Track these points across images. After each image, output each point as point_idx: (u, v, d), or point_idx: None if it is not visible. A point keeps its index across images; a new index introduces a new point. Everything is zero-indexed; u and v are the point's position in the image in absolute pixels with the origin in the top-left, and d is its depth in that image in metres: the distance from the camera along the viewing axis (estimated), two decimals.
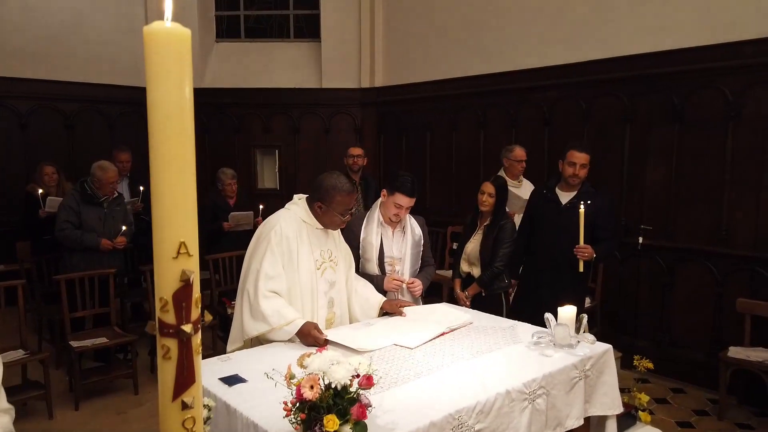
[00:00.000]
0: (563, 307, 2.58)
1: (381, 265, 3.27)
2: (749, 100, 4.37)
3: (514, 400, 2.16)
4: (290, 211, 2.83)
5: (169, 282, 0.94)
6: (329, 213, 2.75)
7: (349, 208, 2.78)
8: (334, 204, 2.73)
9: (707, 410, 4.32)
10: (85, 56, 6.96)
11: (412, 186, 3.14)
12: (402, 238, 3.32)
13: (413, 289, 3.25)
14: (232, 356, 2.49)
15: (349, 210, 2.80)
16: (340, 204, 2.73)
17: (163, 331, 0.96)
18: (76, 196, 4.78)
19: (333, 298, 2.91)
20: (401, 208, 3.17)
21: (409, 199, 3.15)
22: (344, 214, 2.77)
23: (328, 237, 2.91)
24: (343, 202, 2.74)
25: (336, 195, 2.72)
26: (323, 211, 2.76)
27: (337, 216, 2.76)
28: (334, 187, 2.72)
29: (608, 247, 4.01)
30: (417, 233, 3.37)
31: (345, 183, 2.77)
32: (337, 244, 2.97)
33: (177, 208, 0.94)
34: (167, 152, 0.93)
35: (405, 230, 3.33)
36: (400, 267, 3.28)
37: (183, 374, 0.98)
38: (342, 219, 2.79)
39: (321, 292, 2.84)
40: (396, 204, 3.16)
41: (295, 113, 7.70)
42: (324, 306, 2.86)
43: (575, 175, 3.90)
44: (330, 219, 2.78)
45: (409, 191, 3.12)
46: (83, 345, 4.26)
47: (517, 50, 5.89)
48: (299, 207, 2.84)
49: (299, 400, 1.66)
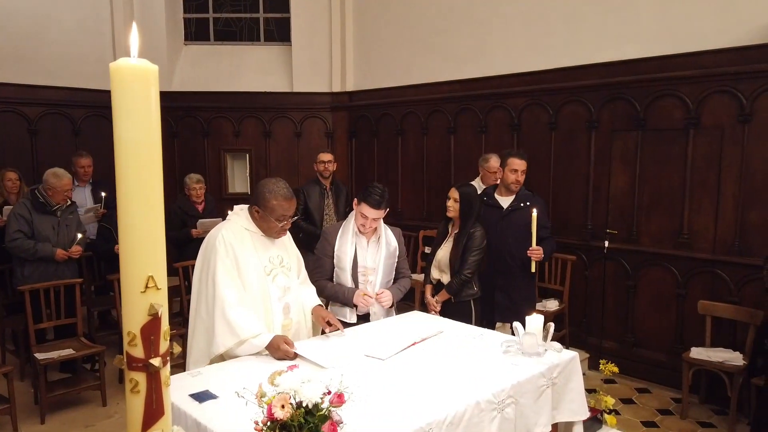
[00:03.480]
0: (531, 316, 2.64)
1: (354, 275, 3.28)
2: (707, 108, 4.52)
3: (483, 410, 2.20)
4: (231, 221, 2.80)
5: (137, 316, 0.95)
6: (266, 218, 2.73)
7: (285, 214, 2.74)
8: (269, 208, 2.70)
9: (671, 409, 4.46)
10: (49, 58, 6.79)
11: (379, 198, 3.15)
12: (377, 248, 3.33)
13: (382, 301, 3.25)
14: (203, 371, 2.48)
15: (286, 216, 2.75)
16: (276, 209, 2.70)
17: (132, 365, 0.96)
18: (28, 204, 4.60)
19: (288, 304, 2.87)
20: (366, 218, 3.19)
21: (375, 211, 3.16)
22: (280, 219, 2.73)
23: (276, 243, 2.87)
24: (279, 207, 2.70)
25: (271, 199, 2.69)
26: (260, 215, 2.74)
27: (273, 222, 2.72)
28: (270, 191, 2.71)
29: (551, 245, 4.26)
30: (392, 245, 3.37)
31: (283, 188, 2.74)
32: (287, 249, 2.94)
33: (144, 242, 0.95)
34: (134, 187, 0.94)
35: (380, 241, 3.34)
36: (374, 277, 3.29)
37: (152, 407, 0.98)
38: (279, 225, 2.74)
39: (274, 298, 2.79)
40: (362, 214, 3.19)
41: (265, 117, 7.65)
42: (278, 312, 2.81)
43: (517, 181, 4.19)
44: (267, 225, 2.75)
45: (375, 203, 3.14)
46: (49, 357, 4.16)
47: (487, 57, 5.97)
48: (240, 216, 2.81)
49: (270, 420, 1.67)
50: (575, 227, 5.36)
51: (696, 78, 4.53)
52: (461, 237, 3.84)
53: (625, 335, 5.08)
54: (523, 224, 4.07)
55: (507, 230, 4.17)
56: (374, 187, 3.20)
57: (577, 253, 5.29)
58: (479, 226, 3.88)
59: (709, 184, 4.55)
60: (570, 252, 5.28)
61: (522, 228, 4.07)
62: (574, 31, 5.27)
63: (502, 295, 4.20)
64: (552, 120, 5.47)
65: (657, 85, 4.76)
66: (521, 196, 4.24)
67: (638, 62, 4.83)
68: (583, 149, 5.28)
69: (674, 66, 4.63)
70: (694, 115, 4.57)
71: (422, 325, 3.09)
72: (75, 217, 4.90)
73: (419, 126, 6.74)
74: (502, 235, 4.16)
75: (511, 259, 4.17)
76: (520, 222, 4.10)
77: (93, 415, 4.30)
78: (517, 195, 4.25)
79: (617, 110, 5.03)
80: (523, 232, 4.05)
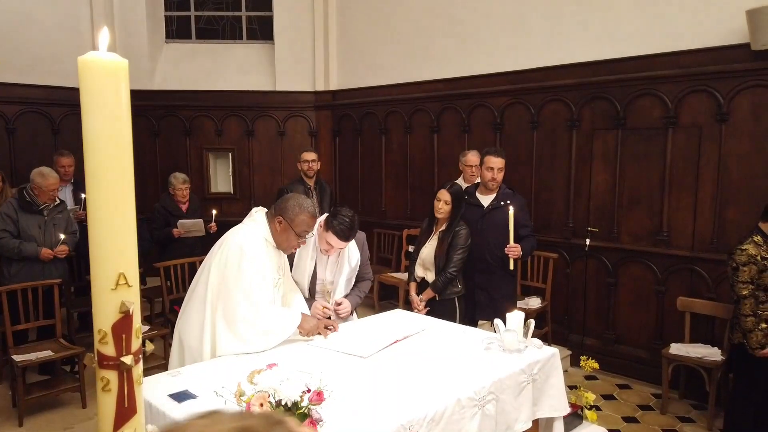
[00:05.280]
0: (511, 313, 2.66)
1: (312, 288, 3.21)
2: (685, 107, 4.59)
3: (464, 407, 2.21)
4: (251, 228, 2.77)
5: (108, 314, 0.93)
6: (288, 231, 2.72)
7: (308, 230, 2.77)
8: (296, 223, 2.71)
9: (651, 405, 4.51)
10: (28, 56, 6.68)
11: (348, 232, 2.97)
12: (336, 264, 3.22)
13: (340, 311, 3.16)
14: (182, 371, 2.46)
15: (307, 233, 2.78)
16: (302, 224, 2.72)
17: (103, 363, 0.94)
18: (14, 203, 4.57)
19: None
20: (331, 247, 3.05)
21: (342, 243, 3.02)
22: (302, 235, 2.75)
23: (280, 254, 2.89)
24: (305, 223, 2.73)
25: (300, 214, 2.71)
26: (282, 227, 2.73)
27: (293, 236, 2.73)
28: (301, 206, 2.72)
29: (531, 243, 4.25)
30: (354, 260, 3.25)
31: (312, 206, 2.78)
32: (285, 259, 2.97)
33: (115, 239, 0.93)
34: (104, 182, 0.92)
35: (341, 257, 3.20)
36: (332, 289, 3.21)
37: (124, 406, 0.97)
38: (298, 240, 2.76)
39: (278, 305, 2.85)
40: (328, 242, 3.03)
41: (248, 116, 7.60)
42: None
43: (493, 179, 4.18)
44: (287, 237, 2.74)
45: (343, 236, 2.97)
46: (27, 359, 4.10)
47: (469, 56, 5.99)
48: (259, 224, 2.78)
49: None
50: (557, 225, 5.40)
51: (675, 77, 4.59)
52: (447, 235, 3.85)
53: (606, 332, 5.13)
54: (503, 223, 4.06)
55: (487, 229, 4.17)
56: (343, 216, 2.97)
57: (559, 250, 5.34)
58: (464, 225, 3.88)
59: (687, 183, 4.62)
60: (552, 250, 5.32)
61: (502, 226, 4.06)
62: (556, 31, 5.31)
63: (482, 293, 4.20)
64: (534, 119, 5.51)
65: (637, 84, 4.81)
66: (502, 195, 4.24)
67: (618, 62, 4.88)
68: (564, 148, 5.32)
69: (654, 66, 4.69)
70: (672, 114, 4.63)
71: (404, 323, 3.09)
72: (64, 216, 4.84)
73: (402, 125, 6.75)
74: (482, 233, 4.17)
75: (492, 258, 4.17)
76: (501, 220, 4.09)
77: (72, 417, 4.24)
78: (498, 193, 4.25)
79: (598, 109, 5.08)
80: (504, 230, 4.04)
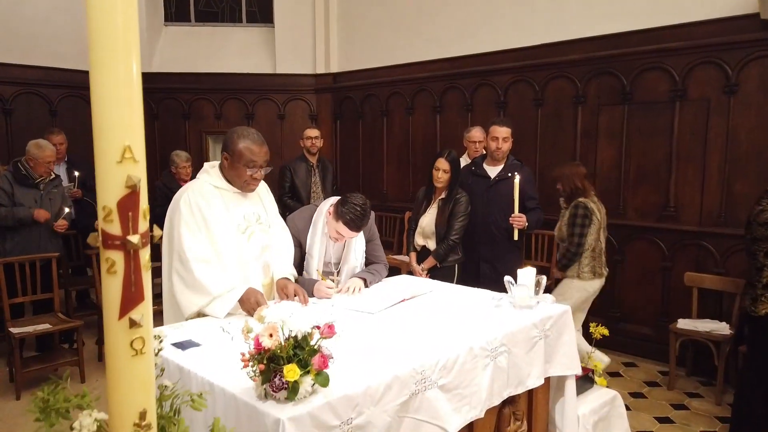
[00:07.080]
0: (523, 269, 2.59)
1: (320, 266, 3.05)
2: (693, 80, 4.52)
3: (476, 356, 2.14)
4: (199, 180, 2.63)
5: (113, 188, 0.86)
6: (234, 165, 2.54)
7: (255, 159, 2.53)
8: (237, 153, 2.50)
9: (658, 381, 4.45)
10: (24, 37, 6.58)
11: (360, 221, 2.78)
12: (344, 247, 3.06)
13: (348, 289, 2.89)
14: (184, 324, 2.38)
15: (256, 163, 2.54)
16: (245, 152, 2.50)
17: (107, 242, 0.87)
18: (9, 176, 4.48)
19: (268, 263, 2.74)
20: (342, 236, 2.89)
21: (354, 233, 2.86)
22: (249, 165, 2.52)
23: (251, 200, 2.71)
24: (248, 151, 2.51)
25: (239, 143, 2.50)
26: (229, 162, 2.55)
27: (241, 168, 2.52)
28: (239, 135, 2.54)
29: (538, 216, 4.15)
30: (360, 247, 3.09)
31: (253, 133, 2.57)
32: (266, 207, 2.79)
33: (121, 108, 0.86)
34: (107, 46, 0.85)
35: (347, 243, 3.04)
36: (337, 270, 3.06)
37: (130, 290, 0.90)
38: (248, 173, 2.54)
39: (251, 257, 2.64)
40: (338, 231, 2.85)
41: (248, 99, 7.53)
42: (258, 272, 2.67)
43: (498, 149, 4.09)
44: (237, 173, 2.55)
45: (354, 225, 2.79)
46: (24, 331, 4.02)
47: (472, 34, 5.92)
48: (210, 174, 2.64)
49: (258, 351, 1.58)
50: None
51: (682, 50, 4.53)
52: (447, 203, 3.79)
53: (611, 310, 5.06)
54: (509, 194, 3.97)
55: (493, 200, 4.10)
56: (353, 204, 2.77)
57: None
58: (463, 192, 3.82)
59: (694, 156, 4.55)
60: None
61: (508, 198, 3.98)
62: (560, 6, 5.24)
63: (487, 265, 4.12)
64: (538, 96, 5.44)
65: (643, 58, 4.75)
66: (509, 166, 4.15)
67: (624, 36, 4.82)
68: (569, 124, 5.25)
69: (660, 38, 4.63)
70: (680, 87, 4.57)
71: (412, 285, 3.02)
72: (60, 191, 4.75)
73: (404, 106, 6.67)
74: (488, 204, 4.10)
75: (497, 229, 4.09)
76: (507, 192, 4.00)
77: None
78: (505, 165, 4.17)
79: (603, 84, 5.01)
80: (510, 202, 3.96)
